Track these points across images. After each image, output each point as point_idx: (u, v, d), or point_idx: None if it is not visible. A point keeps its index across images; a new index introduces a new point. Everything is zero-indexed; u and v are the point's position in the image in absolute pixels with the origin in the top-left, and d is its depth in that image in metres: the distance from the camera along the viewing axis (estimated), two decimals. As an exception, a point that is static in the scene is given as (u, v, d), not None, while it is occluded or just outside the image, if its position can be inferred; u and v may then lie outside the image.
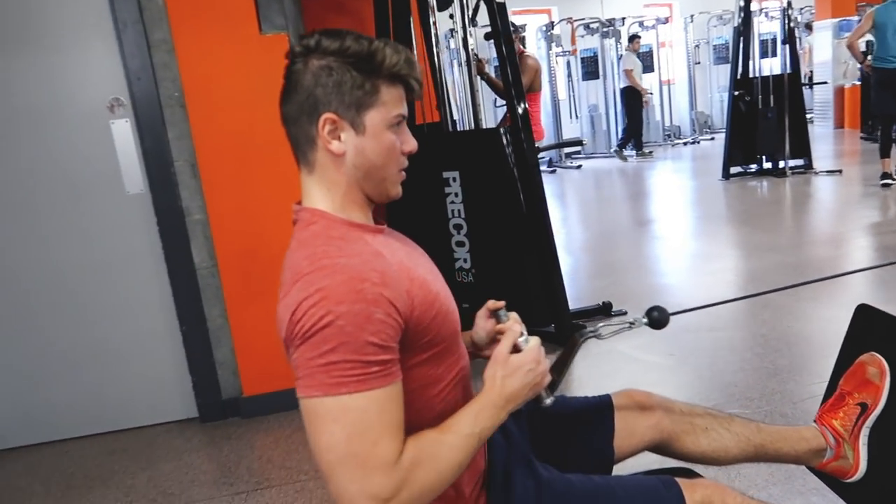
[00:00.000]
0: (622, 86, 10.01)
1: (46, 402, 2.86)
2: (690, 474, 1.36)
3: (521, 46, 4.92)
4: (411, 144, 1.07)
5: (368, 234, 1.05)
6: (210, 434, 2.80)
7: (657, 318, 1.33)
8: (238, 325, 2.84)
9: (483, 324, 1.22)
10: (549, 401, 1.13)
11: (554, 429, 1.32)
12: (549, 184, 9.00)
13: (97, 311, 2.83)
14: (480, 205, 3.26)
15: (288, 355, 0.94)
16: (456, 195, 3.29)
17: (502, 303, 1.20)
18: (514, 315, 1.18)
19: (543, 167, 10.11)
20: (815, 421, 1.48)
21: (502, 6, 3.12)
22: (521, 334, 1.08)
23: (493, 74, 4.90)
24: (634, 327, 1.32)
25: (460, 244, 3.35)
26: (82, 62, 2.66)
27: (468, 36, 3.49)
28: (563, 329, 3.18)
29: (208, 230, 2.77)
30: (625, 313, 3.53)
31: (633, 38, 10.04)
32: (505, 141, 3.12)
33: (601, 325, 1.34)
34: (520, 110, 3.10)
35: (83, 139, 2.70)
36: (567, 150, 10.24)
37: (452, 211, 3.32)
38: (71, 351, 2.85)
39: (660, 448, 1.39)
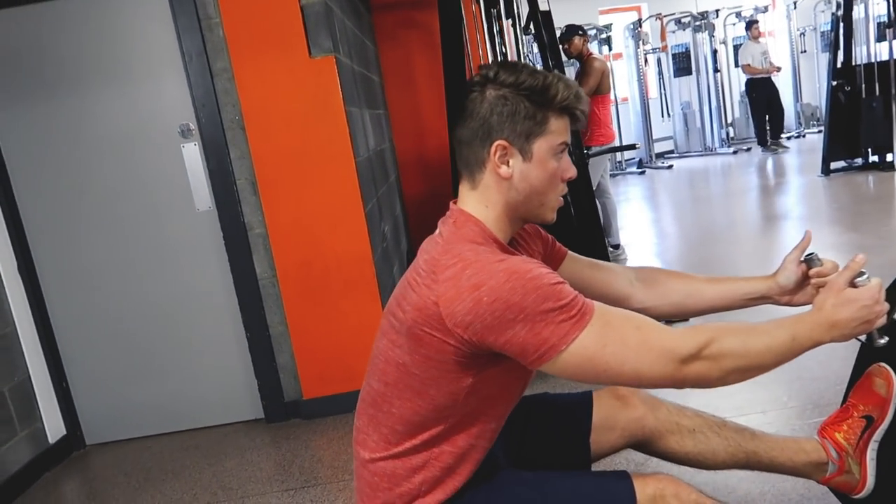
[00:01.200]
0: (746, 78, 9.69)
1: (133, 403, 3.16)
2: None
3: (588, 49, 4.85)
4: (571, 172, 1.17)
5: (506, 254, 1.13)
6: (273, 434, 2.99)
7: None
8: (297, 331, 3.02)
9: (793, 268, 1.26)
10: (882, 341, 1.17)
11: (532, 424, 1.35)
12: (638, 185, 8.80)
13: (176, 318, 3.10)
14: (531, 212, 3.28)
15: (491, 339, 1.02)
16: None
17: (814, 251, 1.25)
18: (829, 260, 1.24)
19: (632, 168, 9.88)
20: (817, 433, 1.42)
21: (547, 14, 3.13)
22: (862, 273, 1.10)
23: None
24: None
25: (513, 251, 3.39)
26: (156, 92, 2.93)
27: (521, 44, 3.52)
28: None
29: (268, 242, 2.96)
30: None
31: (751, 23, 9.72)
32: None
33: None
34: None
35: (159, 162, 2.97)
36: (658, 149, 9.95)
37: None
38: (154, 355, 3.13)
39: (642, 446, 1.38)
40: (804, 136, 10.71)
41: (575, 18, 5.71)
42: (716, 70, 10.37)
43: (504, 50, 3.53)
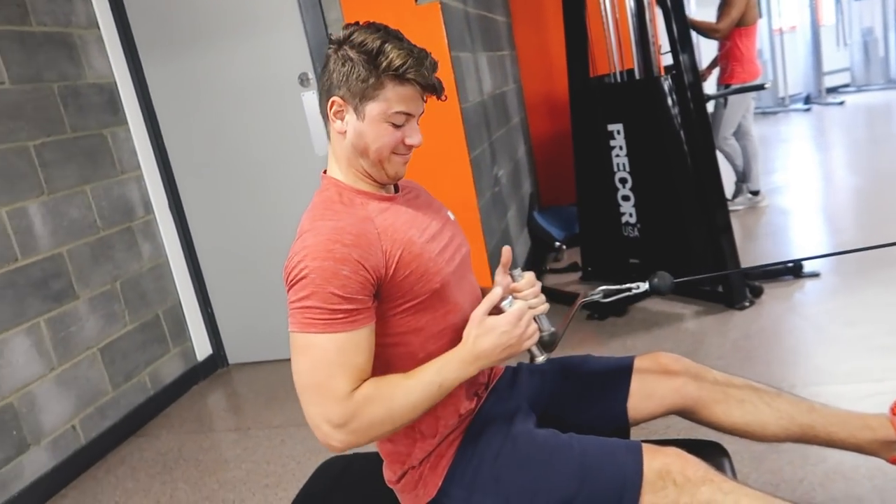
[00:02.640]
0: None
1: (266, 329, 3.51)
2: (715, 448, 1.33)
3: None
4: (414, 139, 1.20)
5: (374, 201, 1.22)
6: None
7: (657, 286, 1.35)
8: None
9: (500, 279, 1.28)
10: (540, 358, 1.20)
11: (570, 387, 1.37)
12: (802, 124, 8.00)
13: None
14: (645, 157, 3.16)
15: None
16: (621, 148, 3.22)
17: (517, 264, 1.27)
18: (528, 275, 1.25)
19: (798, 104, 8.98)
20: (890, 410, 1.31)
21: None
22: (506, 297, 1.14)
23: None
24: (635, 292, 1.35)
25: (626, 198, 3.29)
26: (278, 43, 3.12)
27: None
28: (731, 290, 2.97)
29: (379, 187, 3.11)
30: (817, 275, 3.17)
31: None
32: (667, 89, 2.96)
33: (603, 287, 1.38)
34: (684, 56, 2.90)
35: (282, 109, 3.18)
36: (829, 84, 8.91)
37: (618, 164, 3.26)
38: (279, 287, 3.43)
39: (685, 413, 1.36)
40: None
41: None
42: (909, -11, 9.02)
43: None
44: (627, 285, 1.38)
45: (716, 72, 4.78)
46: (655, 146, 3.08)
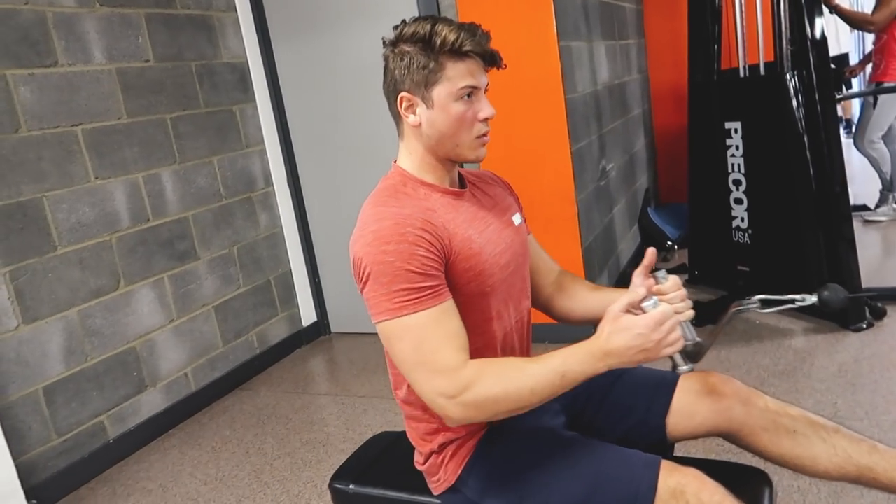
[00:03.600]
0: None
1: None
2: (758, 475, 1.26)
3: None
4: (486, 111, 1.20)
5: (437, 194, 1.23)
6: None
7: (827, 298, 1.22)
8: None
9: (638, 280, 1.20)
10: (684, 368, 1.14)
11: (610, 394, 1.35)
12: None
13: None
14: (762, 160, 2.96)
15: (360, 291, 1.14)
16: (737, 148, 3.04)
17: (662, 268, 1.20)
18: (673, 278, 1.18)
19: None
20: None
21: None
22: (649, 297, 1.06)
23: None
24: (799, 304, 1.24)
25: (738, 201, 3.10)
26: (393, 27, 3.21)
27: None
28: (846, 309, 2.74)
29: (480, 174, 3.14)
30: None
31: None
32: (793, 87, 2.75)
33: (761, 297, 1.28)
34: (812, 53, 2.67)
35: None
36: None
37: (732, 165, 3.08)
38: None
39: (731, 438, 1.29)
40: None
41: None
42: None
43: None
44: (790, 296, 1.25)
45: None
46: (774, 148, 2.88)
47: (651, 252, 1.19)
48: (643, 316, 1.03)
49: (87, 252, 2.63)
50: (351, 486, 1.44)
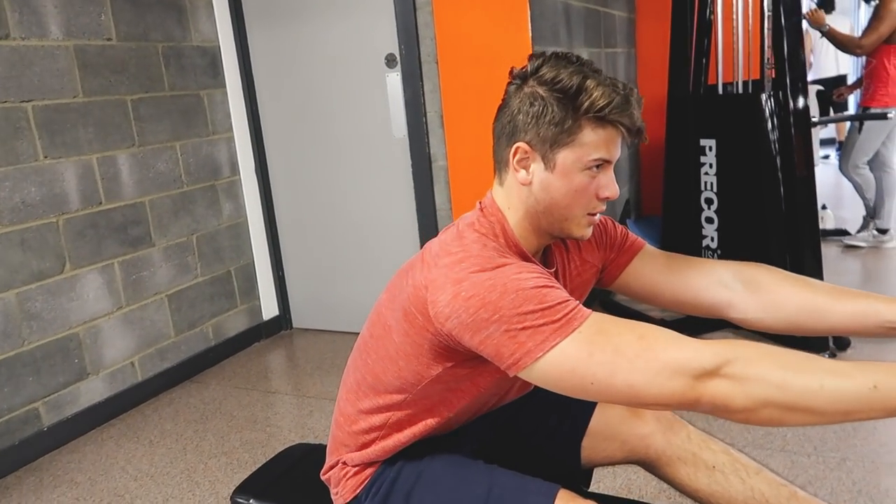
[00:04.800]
0: None
1: (330, 299, 3.60)
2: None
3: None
4: (609, 191, 1.03)
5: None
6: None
7: None
8: (464, 264, 3.12)
9: None
10: None
11: (524, 410, 1.28)
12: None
13: (367, 232, 3.41)
14: (734, 179, 2.89)
15: (465, 337, 0.94)
16: (710, 166, 2.97)
17: None
18: None
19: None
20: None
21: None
22: None
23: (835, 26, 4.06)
24: None
25: (709, 220, 3.04)
26: (369, 22, 3.13)
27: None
28: (806, 338, 2.66)
29: (448, 176, 3.07)
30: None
31: None
32: (769, 109, 2.68)
33: None
34: (789, 76, 2.61)
35: (367, 88, 3.21)
36: None
37: (705, 183, 3.01)
38: (349, 262, 3.51)
39: (648, 467, 1.23)
40: None
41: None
42: None
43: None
44: None
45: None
46: (747, 169, 2.81)
47: None
48: None
49: (29, 233, 2.54)
50: (251, 502, 1.37)
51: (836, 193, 5.54)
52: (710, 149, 2.94)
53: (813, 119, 2.89)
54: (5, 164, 2.45)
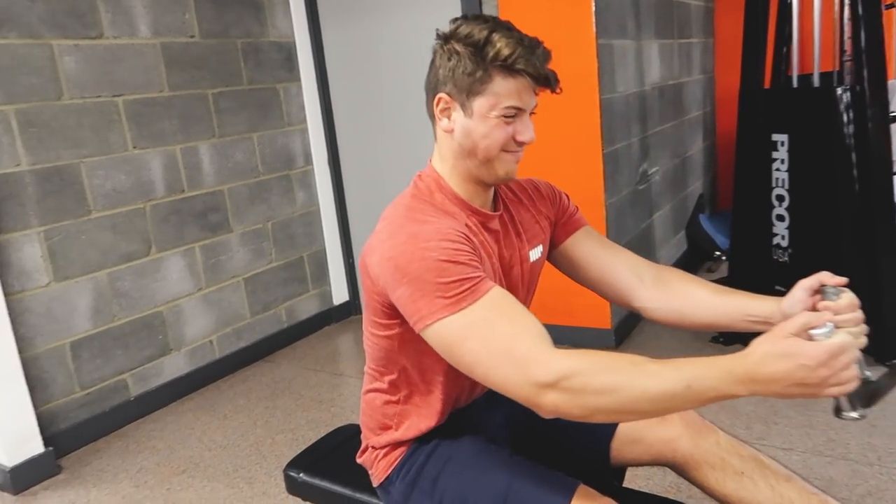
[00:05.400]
0: None
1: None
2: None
3: None
4: (526, 135, 1.10)
5: (468, 213, 1.16)
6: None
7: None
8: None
9: (802, 296, 1.05)
10: (851, 414, 0.93)
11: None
12: None
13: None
14: (807, 176, 2.78)
15: (389, 294, 1.04)
16: (782, 162, 2.87)
17: (842, 279, 1.03)
18: (849, 296, 1.00)
19: None
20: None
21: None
22: (827, 324, 0.85)
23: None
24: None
25: (780, 218, 2.94)
26: (436, 17, 3.17)
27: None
28: (884, 350, 2.55)
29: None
30: None
31: None
32: (845, 103, 2.57)
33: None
34: (867, 69, 2.48)
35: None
36: None
37: (777, 179, 2.91)
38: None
39: (676, 470, 1.24)
40: None
41: None
42: None
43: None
44: None
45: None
46: (821, 166, 2.70)
47: (826, 274, 1.04)
48: (815, 345, 0.83)
49: (120, 218, 2.75)
50: (301, 475, 1.47)
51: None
52: (783, 144, 2.84)
53: (892, 114, 2.74)
54: (99, 154, 2.67)
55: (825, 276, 1.04)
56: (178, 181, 2.97)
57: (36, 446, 2.43)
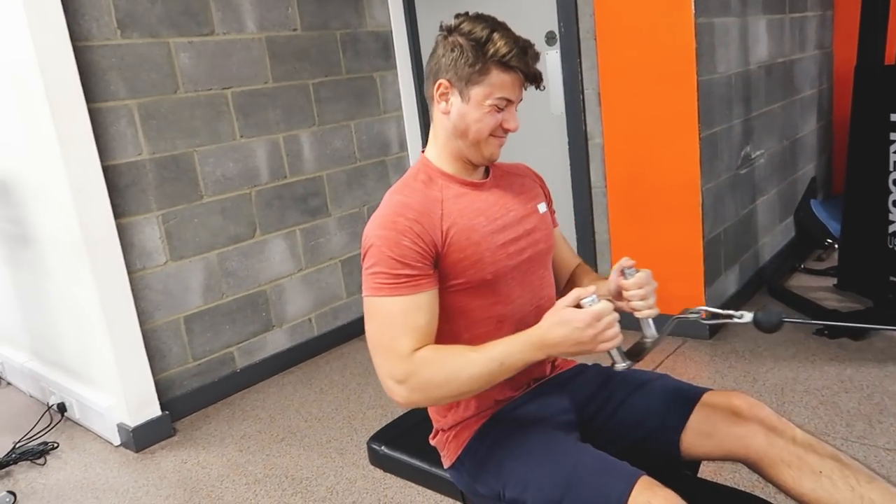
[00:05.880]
0: None
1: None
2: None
3: None
4: (512, 123, 1.27)
5: (454, 185, 1.30)
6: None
7: (761, 320, 1.18)
8: (618, 242, 3.11)
9: (613, 277, 1.26)
10: (620, 365, 1.15)
11: (630, 402, 1.32)
12: None
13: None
14: (929, 160, 2.58)
15: None
16: (901, 144, 2.67)
17: (633, 262, 1.25)
18: (642, 274, 1.22)
19: None
20: None
21: None
22: (590, 295, 1.08)
23: None
24: (736, 321, 1.20)
25: (897, 204, 2.74)
26: (529, 3, 3.17)
27: None
28: None
29: (604, 154, 3.06)
30: None
31: None
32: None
33: (704, 308, 1.27)
34: None
35: (527, 67, 3.27)
36: None
37: (895, 163, 2.71)
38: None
39: (751, 467, 1.21)
40: None
41: None
42: None
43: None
44: (730, 311, 1.23)
45: None
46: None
47: (626, 259, 1.25)
48: (583, 311, 1.07)
49: (228, 202, 2.95)
50: (382, 448, 1.56)
51: None
52: (902, 125, 2.64)
53: None
54: (210, 143, 2.87)
55: (623, 261, 1.24)
56: (280, 168, 3.14)
57: (154, 410, 2.68)
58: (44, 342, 3.10)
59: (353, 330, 3.48)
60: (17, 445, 2.70)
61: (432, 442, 1.38)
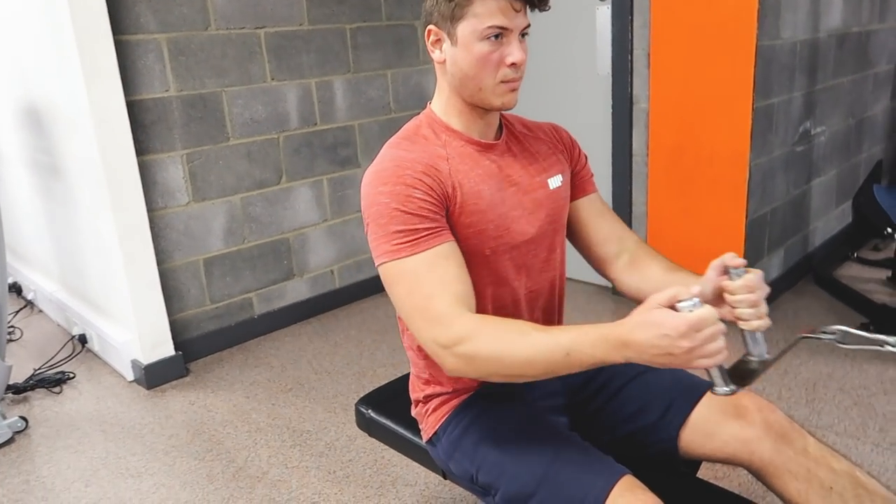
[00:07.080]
0: None
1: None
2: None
3: None
4: (515, 56, 1.07)
5: (459, 142, 1.16)
6: (600, 304, 3.12)
7: None
8: (655, 213, 2.95)
9: (712, 275, 1.04)
10: (722, 389, 0.93)
11: (629, 388, 1.21)
12: None
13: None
14: None
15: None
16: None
17: (742, 261, 1.02)
18: (752, 276, 1.00)
19: None
20: None
21: None
22: (691, 298, 0.86)
23: None
24: (888, 348, 1.00)
25: (968, 196, 2.49)
26: (585, -48, 2.98)
27: None
28: None
29: (648, 120, 2.87)
30: None
31: None
32: None
33: (842, 328, 1.06)
34: None
35: (575, 20, 3.08)
36: None
37: (970, 149, 2.46)
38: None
39: (754, 473, 1.10)
40: None
41: None
42: None
43: None
44: (880, 336, 1.01)
45: None
46: None
47: (732, 254, 1.02)
48: (677, 315, 0.85)
49: (255, 146, 2.90)
50: (369, 411, 1.49)
51: None
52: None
53: None
54: (239, 84, 2.80)
55: (728, 258, 1.02)
56: (311, 114, 3.06)
57: (168, 349, 2.68)
58: (71, 273, 3.14)
59: (376, 285, 3.42)
60: (37, 372, 2.75)
61: (413, 413, 1.31)
